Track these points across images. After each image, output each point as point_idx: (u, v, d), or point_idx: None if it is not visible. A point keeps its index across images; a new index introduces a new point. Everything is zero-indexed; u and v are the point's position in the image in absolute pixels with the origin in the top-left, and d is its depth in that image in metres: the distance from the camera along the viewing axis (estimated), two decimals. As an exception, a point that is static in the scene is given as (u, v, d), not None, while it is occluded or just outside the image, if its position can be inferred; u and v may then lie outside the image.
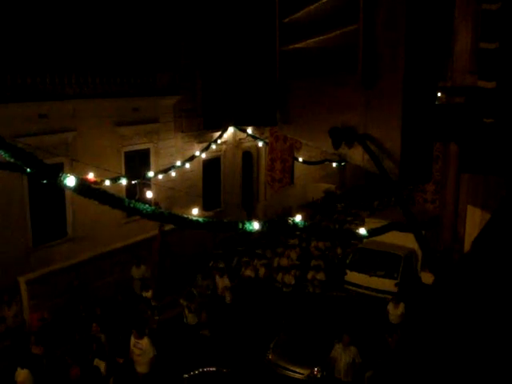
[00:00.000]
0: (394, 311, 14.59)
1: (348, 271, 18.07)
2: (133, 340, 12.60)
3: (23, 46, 18.02)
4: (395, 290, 16.93)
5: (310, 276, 17.97)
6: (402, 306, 14.55)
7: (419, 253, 17.32)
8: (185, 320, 15.13)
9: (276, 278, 18.05)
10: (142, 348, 12.44)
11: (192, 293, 15.67)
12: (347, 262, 18.78)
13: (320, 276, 17.82)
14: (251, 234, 7.00)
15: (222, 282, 16.97)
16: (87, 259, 17.11)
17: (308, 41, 4.17)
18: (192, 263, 18.41)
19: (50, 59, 18.34)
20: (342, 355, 12.14)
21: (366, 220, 19.13)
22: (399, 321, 14.36)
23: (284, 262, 19.00)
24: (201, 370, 11.75)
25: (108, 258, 17.65)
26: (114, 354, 12.30)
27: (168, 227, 17.91)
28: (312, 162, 25.52)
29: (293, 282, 17.70)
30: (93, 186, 7.66)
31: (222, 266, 18.18)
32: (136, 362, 12.39)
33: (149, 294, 15.91)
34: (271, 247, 20.68)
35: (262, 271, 18.27)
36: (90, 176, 13.76)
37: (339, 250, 20.38)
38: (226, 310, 16.43)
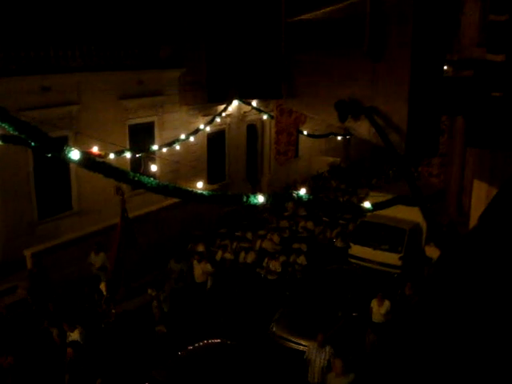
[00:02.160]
0: (378, 309, 13.52)
1: (352, 244, 18.10)
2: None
3: (27, 19, 17.85)
4: (399, 263, 17.00)
5: (290, 259, 16.88)
6: (386, 305, 13.46)
7: (424, 226, 17.32)
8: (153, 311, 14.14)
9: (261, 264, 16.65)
10: None
11: (161, 281, 14.63)
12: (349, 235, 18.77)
13: (301, 260, 16.74)
14: (256, 207, 7.00)
15: (201, 267, 15.47)
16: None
17: (315, 12, 4.11)
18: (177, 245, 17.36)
19: (53, 32, 18.17)
20: (317, 357, 11.24)
21: (371, 194, 19.09)
22: (383, 320, 13.39)
23: (268, 245, 17.73)
24: (205, 341, 11.83)
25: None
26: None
27: (152, 208, 18.07)
28: (317, 136, 25.51)
29: (279, 269, 16.15)
30: (97, 159, 7.66)
31: (201, 249, 16.61)
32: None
33: (102, 286, 14.29)
34: (252, 229, 19.05)
35: (242, 255, 17.06)
36: (95, 149, 13.70)
37: (328, 233, 19.45)
38: (206, 297, 15.30)
